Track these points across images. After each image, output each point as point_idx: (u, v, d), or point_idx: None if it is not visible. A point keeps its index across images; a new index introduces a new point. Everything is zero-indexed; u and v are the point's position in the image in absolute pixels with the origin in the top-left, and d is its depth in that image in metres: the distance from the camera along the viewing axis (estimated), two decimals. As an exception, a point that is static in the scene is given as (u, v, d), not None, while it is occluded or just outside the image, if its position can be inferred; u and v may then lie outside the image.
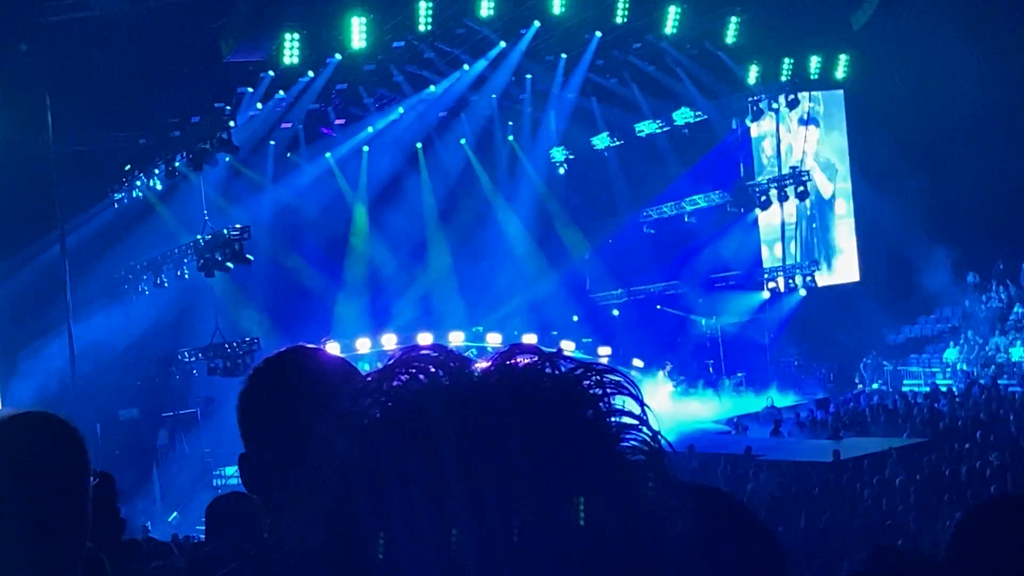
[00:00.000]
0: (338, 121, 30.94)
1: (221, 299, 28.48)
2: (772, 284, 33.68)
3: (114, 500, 4.79)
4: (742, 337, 33.80)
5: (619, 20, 26.17)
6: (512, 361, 0.91)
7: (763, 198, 31.98)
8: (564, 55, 29.50)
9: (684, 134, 33.17)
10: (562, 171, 35.93)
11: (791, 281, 33.26)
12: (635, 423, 0.89)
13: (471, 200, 34.93)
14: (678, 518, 0.89)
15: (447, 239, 34.55)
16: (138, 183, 27.82)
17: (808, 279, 33.06)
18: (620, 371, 0.91)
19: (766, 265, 34.46)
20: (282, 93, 26.50)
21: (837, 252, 35.57)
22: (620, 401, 0.90)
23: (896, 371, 32.50)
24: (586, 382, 0.90)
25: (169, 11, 21.63)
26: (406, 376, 0.91)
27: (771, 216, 33.87)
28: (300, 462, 0.93)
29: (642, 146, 33.93)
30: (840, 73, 31.67)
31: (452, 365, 0.91)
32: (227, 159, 27.17)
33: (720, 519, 1.80)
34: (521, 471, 0.84)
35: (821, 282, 33.47)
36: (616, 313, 35.52)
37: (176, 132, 26.65)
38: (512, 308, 33.51)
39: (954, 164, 30.70)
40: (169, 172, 26.60)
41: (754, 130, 34.12)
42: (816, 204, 34.81)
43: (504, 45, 27.65)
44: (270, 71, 24.94)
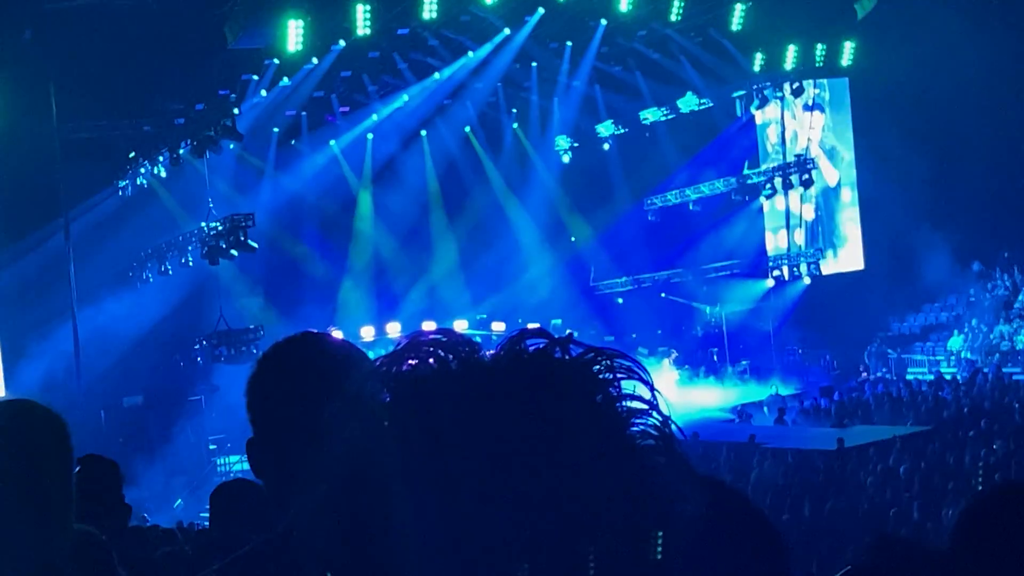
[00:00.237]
0: (342, 109, 30.90)
1: (225, 287, 28.50)
2: (777, 272, 33.64)
3: (119, 487, 4.80)
4: (746, 325, 33.78)
5: (624, 8, 26.11)
6: (522, 346, 0.91)
7: (768, 186, 31.92)
8: (569, 43, 29.45)
9: (689, 122, 33.07)
10: (566, 159, 35.85)
11: (795, 269, 33.21)
12: (645, 408, 0.89)
13: (475, 188, 34.89)
14: (687, 504, 0.88)
15: (451, 227, 34.55)
16: (142, 170, 27.80)
17: (812, 267, 33.00)
18: (630, 356, 0.91)
19: (771, 253, 34.42)
20: (286, 80, 26.46)
21: (842, 240, 35.47)
22: (630, 386, 0.90)
23: (900, 359, 32.46)
24: (596, 367, 0.90)
25: (174, -2, 21.63)
26: (415, 361, 0.91)
27: (776, 204, 33.81)
28: (309, 447, 0.92)
29: (646, 134, 33.85)
30: (845, 60, 31.54)
31: (461, 349, 0.91)
32: (231, 147, 27.15)
33: (721, 511, 1.80)
34: (530, 455, 0.84)
35: (826, 270, 33.40)
36: (620, 301, 35.50)
37: (180, 119, 26.62)
38: (516, 295, 33.52)
39: (959, 152, 30.62)
40: (173, 159, 26.59)
41: (759, 117, 34.02)
42: (821, 192, 34.73)
43: (508, 32, 27.59)
44: (275, 59, 24.91)
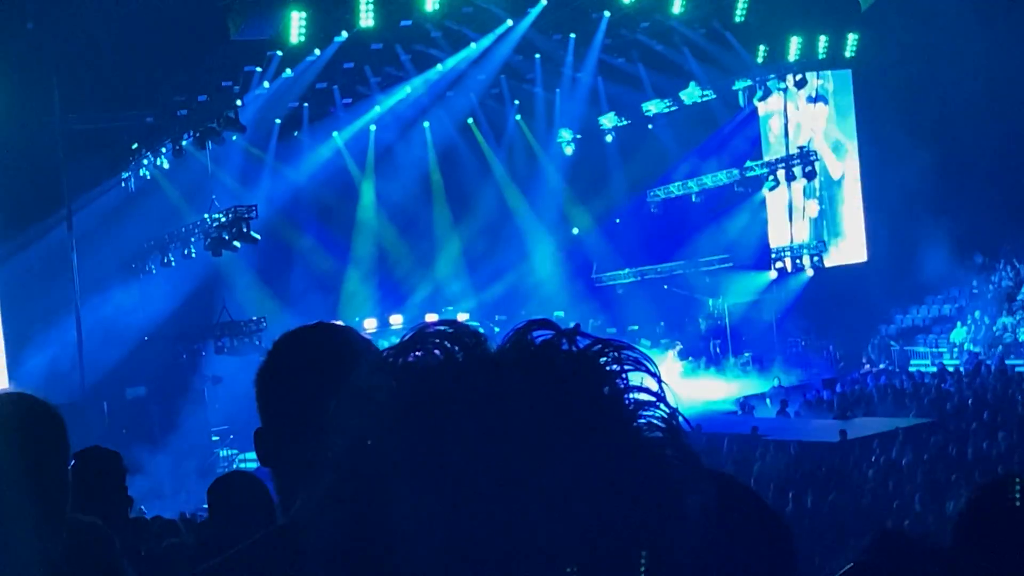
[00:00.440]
0: (344, 100, 30.87)
1: (228, 278, 28.50)
2: (779, 264, 33.60)
3: (122, 478, 4.81)
4: (749, 317, 33.76)
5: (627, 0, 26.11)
6: (528, 337, 0.90)
7: (771, 178, 31.88)
8: (573, 35, 29.40)
9: (691, 114, 33.01)
10: (569, 151, 35.82)
11: (798, 261, 33.17)
12: (652, 400, 0.89)
13: (478, 180, 34.87)
14: (695, 497, 0.88)
15: (454, 218, 34.53)
16: (145, 162, 27.79)
17: (815, 259, 32.94)
18: (637, 348, 0.91)
19: (773, 245, 34.37)
20: (289, 72, 26.44)
21: (845, 232, 35.44)
22: (637, 378, 0.89)
23: (903, 351, 32.43)
24: (603, 359, 0.89)
25: (176, -12, 21.60)
26: (421, 352, 0.90)
27: (779, 196, 33.76)
28: (316, 438, 0.92)
29: (649, 126, 33.81)
30: (848, 52, 31.49)
31: (467, 341, 0.90)
32: (234, 138, 27.14)
33: (729, 503, 1.80)
34: (536, 447, 0.84)
35: (828, 262, 33.36)
36: (620, 291, 35.46)
37: (183, 111, 26.61)
38: (518, 287, 33.52)
39: (963, 144, 30.57)
40: (176, 151, 26.57)
41: (762, 109, 33.97)
42: (824, 184, 34.68)
43: (511, 23, 27.56)
44: (277, 50, 24.88)
